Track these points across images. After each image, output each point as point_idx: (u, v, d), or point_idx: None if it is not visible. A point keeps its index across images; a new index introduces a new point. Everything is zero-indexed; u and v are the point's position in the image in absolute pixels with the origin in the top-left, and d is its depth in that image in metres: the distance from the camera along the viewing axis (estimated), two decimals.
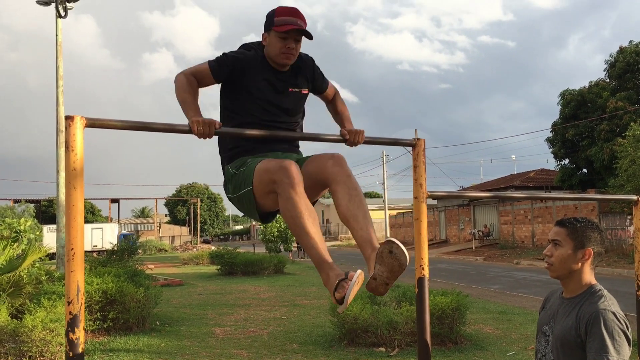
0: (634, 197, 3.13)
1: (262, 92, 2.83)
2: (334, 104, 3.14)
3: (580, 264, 2.31)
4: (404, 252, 2.13)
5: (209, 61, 2.80)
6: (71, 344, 1.83)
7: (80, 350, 1.84)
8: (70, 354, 1.83)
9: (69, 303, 1.84)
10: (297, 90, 2.92)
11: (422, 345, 2.44)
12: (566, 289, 2.37)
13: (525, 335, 8.46)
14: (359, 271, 2.25)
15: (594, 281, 2.33)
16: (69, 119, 1.90)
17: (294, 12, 2.74)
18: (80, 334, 1.84)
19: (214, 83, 2.83)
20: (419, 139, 2.54)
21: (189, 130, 2.36)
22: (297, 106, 2.96)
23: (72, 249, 1.86)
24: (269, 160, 2.57)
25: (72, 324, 1.83)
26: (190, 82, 2.72)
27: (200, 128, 2.39)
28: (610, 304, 2.21)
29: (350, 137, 2.71)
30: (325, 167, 2.60)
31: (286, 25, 2.69)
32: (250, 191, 2.63)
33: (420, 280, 2.46)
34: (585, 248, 2.30)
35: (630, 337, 2.17)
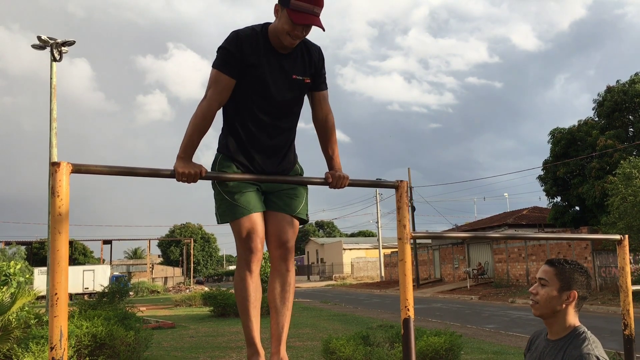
0: (617, 237, 3.16)
1: (261, 76, 2.75)
2: (325, 126, 2.96)
3: (564, 305, 2.32)
4: None
5: (217, 67, 2.70)
6: None
7: None
8: None
9: (52, 348, 1.84)
10: (300, 78, 2.83)
11: None
12: (550, 330, 2.38)
13: None
14: None
15: (577, 323, 2.33)
16: (55, 165, 1.93)
17: None
18: None
19: (235, 82, 2.74)
20: (401, 181, 2.58)
21: (172, 176, 2.40)
22: (298, 95, 2.90)
23: (56, 294, 1.87)
24: (244, 225, 2.81)
25: None
26: (207, 116, 2.67)
27: (184, 179, 2.46)
28: (594, 347, 2.21)
29: (334, 182, 2.74)
30: (272, 252, 2.96)
31: (300, 16, 2.59)
32: (220, 221, 2.93)
33: (406, 322, 2.46)
34: (570, 290, 2.32)
35: None
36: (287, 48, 2.77)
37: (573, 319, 2.33)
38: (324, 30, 2.69)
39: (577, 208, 32.94)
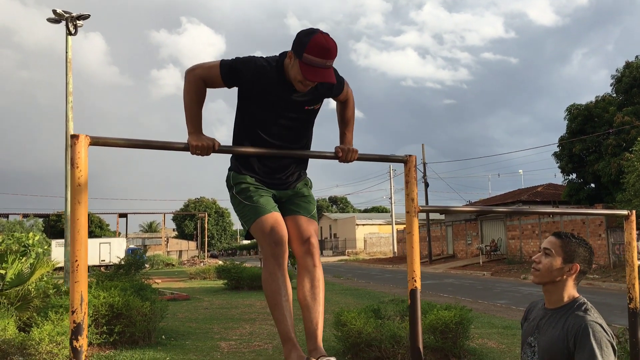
0: (625, 212, 3.19)
1: (276, 108, 2.80)
2: (343, 107, 3.09)
3: (565, 277, 2.39)
4: None
5: (221, 65, 2.73)
6: (75, 351, 1.92)
7: (83, 357, 1.93)
8: None
9: (73, 312, 1.93)
10: (312, 107, 2.90)
11: (414, 354, 2.52)
12: (549, 300, 2.45)
13: None
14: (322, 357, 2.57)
15: (577, 294, 2.41)
16: (74, 137, 2.01)
17: (326, 53, 2.59)
18: (83, 342, 1.93)
19: (224, 87, 2.80)
20: (409, 156, 2.63)
21: (187, 149, 2.47)
22: (310, 122, 2.98)
23: (77, 260, 1.96)
24: (267, 221, 2.81)
25: (76, 332, 1.93)
26: (198, 89, 2.73)
27: (198, 152, 2.52)
28: (596, 316, 2.29)
29: (343, 156, 2.80)
30: (297, 250, 2.91)
31: (312, 71, 2.61)
32: (247, 229, 2.95)
33: (413, 292, 2.53)
34: (573, 263, 2.39)
35: (616, 348, 2.25)
36: None
37: (572, 290, 2.40)
38: (334, 83, 2.74)
39: (593, 185, 32.73)
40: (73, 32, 17.79)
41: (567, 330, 2.28)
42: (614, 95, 32.01)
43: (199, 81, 2.73)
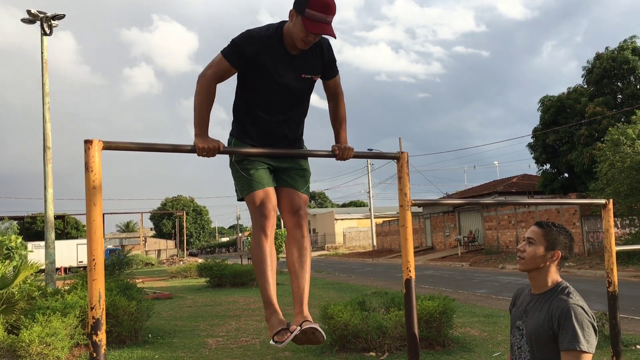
0: (602, 201, 3.38)
1: (273, 75, 2.92)
2: (336, 103, 3.20)
3: (548, 263, 2.56)
4: (322, 335, 2.81)
5: (226, 55, 2.86)
6: (95, 345, 2.03)
7: (102, 351, 2.03)
8: (94, 354, 2.02)
9: (91, 308, 2.03)
10: (309, 76, 3.02)
11: (411, 340, 2.66)
12: (534, 286, 2.62)
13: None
14: (298, 328, 2.79)
15: (560, 279, 2.58)
16: (87, 142, 2.11)
17: (326, 8, 2.76)
18: (102, 337, 2.04)
19: (236, 72, 2.94)
20: (402, 152, 2.77)
21: (193, 151, 2.58)
22: (306, 92, 3.10)
23: (94, 259, 2.06)
24: (258, 195, 3.01)
25: (95, 327, 2.03)
26: (209, 91, 2.86)
27: (204, 154, 2.65)
28: (578, 299, 2.46)
29: (340, 154, 2.96)
30: (287, 221, 3.14)
31: (315, 25, 2.75)
32: (239, 197, 3.14)
33: (408, 282, 2.68)
34: (555, 250, 2.56)
35: (597, 328, 2.42)
36: (298, 49, 2.93)
37: (555, 275, 2.58)
38: (335, 38, 2.87)
39: (566, 175, 33.38)
40: (48, 32, 17.59)
41: (551, 313, 2.44)
42: (585, 86, 32.63)
43: (212, 82, 2.87)
